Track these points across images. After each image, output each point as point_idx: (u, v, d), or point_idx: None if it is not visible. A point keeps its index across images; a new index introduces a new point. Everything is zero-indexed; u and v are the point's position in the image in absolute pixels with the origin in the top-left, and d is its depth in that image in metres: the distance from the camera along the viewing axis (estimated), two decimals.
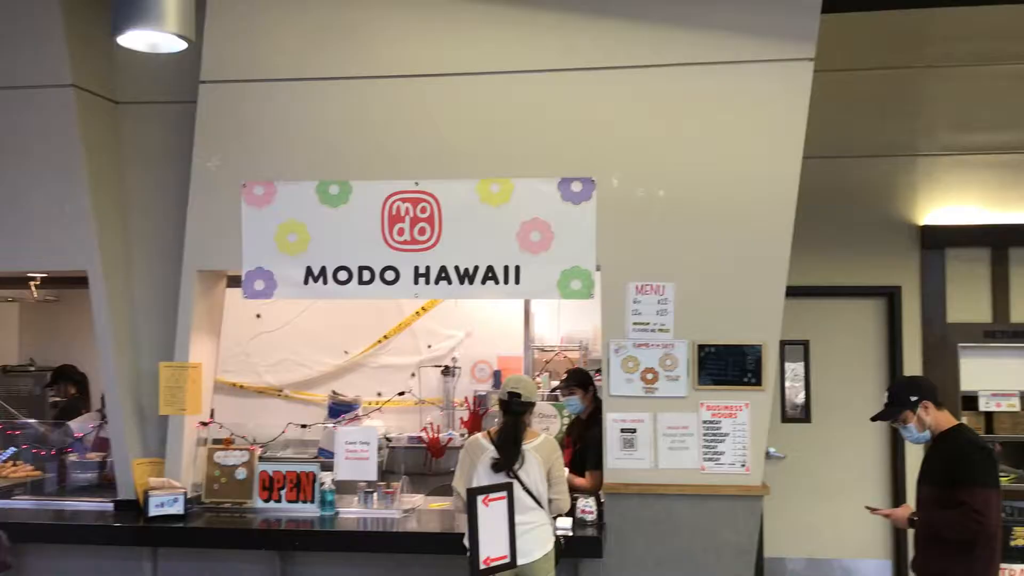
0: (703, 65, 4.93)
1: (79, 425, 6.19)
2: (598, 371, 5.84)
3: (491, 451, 4.36)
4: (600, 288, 4.98)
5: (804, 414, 6.67)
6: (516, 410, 4.42)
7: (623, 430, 4.91)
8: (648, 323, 4.91)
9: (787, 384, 6.68)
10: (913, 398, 4.09)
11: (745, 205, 4.88)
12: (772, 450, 6.19)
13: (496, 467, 4.30)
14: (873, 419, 4.33)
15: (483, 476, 4.30)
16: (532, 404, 4.51)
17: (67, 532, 5.09)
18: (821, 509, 6.61)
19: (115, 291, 5.34)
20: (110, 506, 5.30)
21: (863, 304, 6.69)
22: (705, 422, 4.89)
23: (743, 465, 4.86)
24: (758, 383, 4.87)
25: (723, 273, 4.89)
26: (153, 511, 4.98)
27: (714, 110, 4.94)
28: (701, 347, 4.89)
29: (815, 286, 6.43)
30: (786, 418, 6.67)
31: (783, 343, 6.25)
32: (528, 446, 4.38)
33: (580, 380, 5.54)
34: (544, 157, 5.02)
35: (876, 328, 6.70)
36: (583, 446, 5.31)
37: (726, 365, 4.88)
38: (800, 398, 6.69)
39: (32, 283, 6.97)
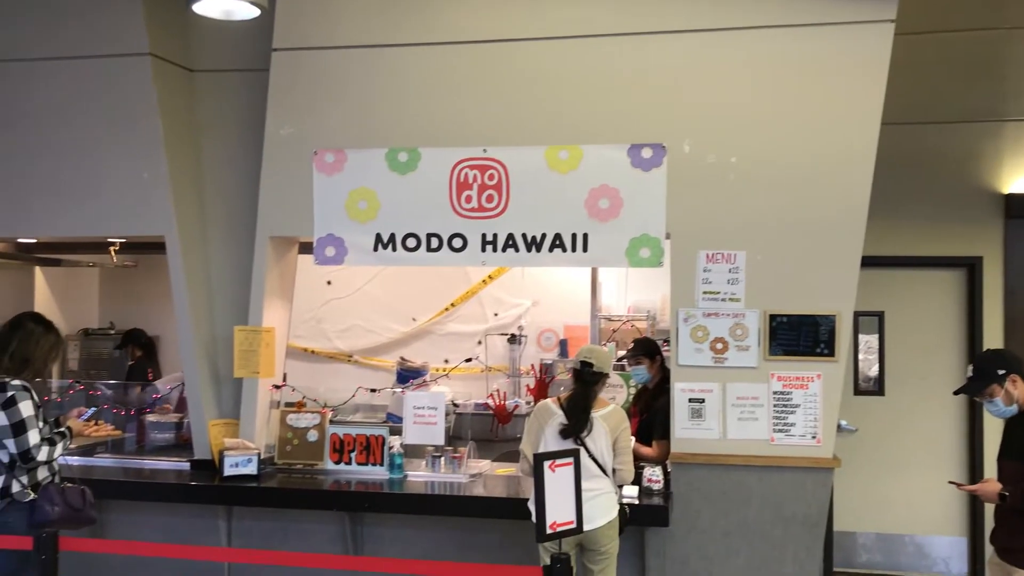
0: (779, 28, 4.80)
1: (163, 384, 6.40)
2: (666, 341, 5.80)
3: (560, 416, 4.37)
4: (670, 256, 4.91)
5: (877, 387, 6.53)
6: (588, 379, 4.42)
7: (691, 400, 4.86)
8: (718, 292, 4.84)
9: (860, 356, 6.54)
10: (1001, 371, 3.98)
11: (820, 172, 4.76)
12: (844, 423, 6.06)
13: (564, 433, 4.32)
14: (957, 392, 4.24)
15: (551, 441, 4.32)
16: (605, 375, 4.50)
17: (146, 489, 5.27)
18: (894, 484, 6.49)
19: (191, 256, 5.47)
20: (186, 465, 5.46)
21: (942, 275, 6.50)
22: (775, 393, 4.81)
23: (814, 437, 4.78)
24: (831, 354, 4.77)
25: (796, 241, 4.79)
26: (228, 471, 5.11)
27: (790, 74, 4.81)
28: (772, 317, 4.81)
29: (892, 256, 6.26)
30: (859, 391, 6.54)
31: (857, 314, 6.11)
32: (596, 414, 4.38)
33: (647, 350, 5.50)
34: (614, 123, 4.96)
35: (955, 300, 6.50)
36: (650, 415, 5.29)
37: (798, 335, 4.79)
38: (874, 371, 6.54)
39: (112, 248, 7.18)
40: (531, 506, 4.34)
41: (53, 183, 5.51)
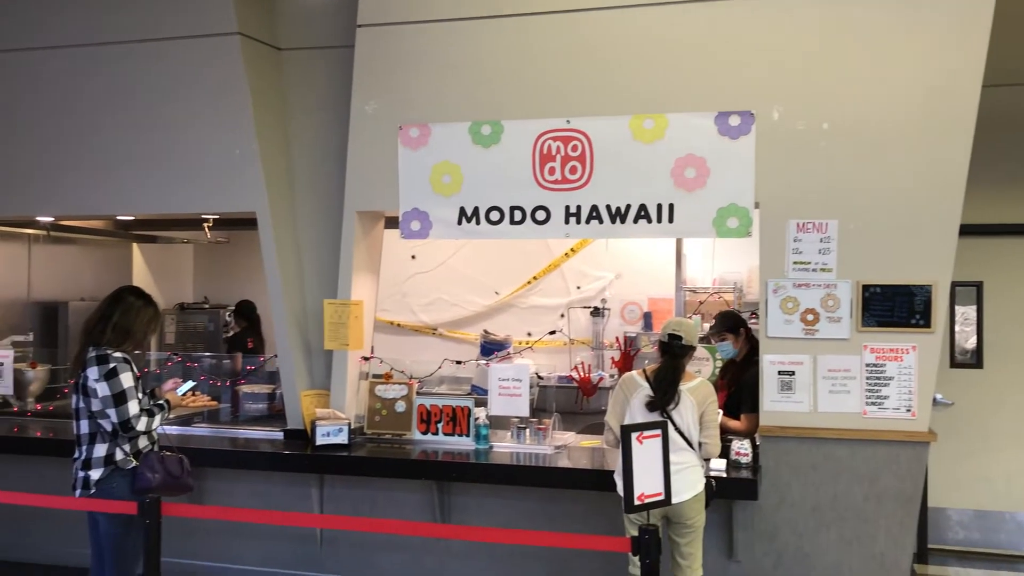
0: None
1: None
2: (753, 313, 5.71)
3: (646, 389, 4.35)
4: (758, 226, 4.82)
5: (975, 360, 6.32)
6: (676, 352, 4.38)
7: (781, 372, 4.78)
8: (809, 262, 4.74)
9: (957, 328, 6.33)
10: None
11: (916, 137, 4.60)
12: (939, 396, 5.89)
13: (651, 406, 4.29)
14: None
15: (637, 413, 4.30)
16: (692, 348, 4.46)
17: (242, 458, 5.42)
18: (992, 459, 6.28)
19: (282, 231, 5.58)
20: (280, 435, 5.61)
21: None
22: (868, 365, 4.70)
23: (908, 410, 4.66)
24: (927, 325, 4.63)
25: (891, 209, 4.65)
26: (320, 440, 5.24)
27: (884, 35, 4.65)
28: (865, 287, 4.68)
29: (992, 224, 6.03)
30: (955, 364, 6.34)
31: (954, 284, 5.91)
32: (683, 387, 4.34)
33: (729, 325, 5.42)
34: (700, 90, 4.87)
35: None
36: (737, 389, 5.22)
37: (892, 306, 4.66)
38: (971, 343, 6.33)
39: (205, 224, 7.38)
40: (617, 478, 4.34)
41: (150, 162, 5.68)
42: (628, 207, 4.98)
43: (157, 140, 5.66)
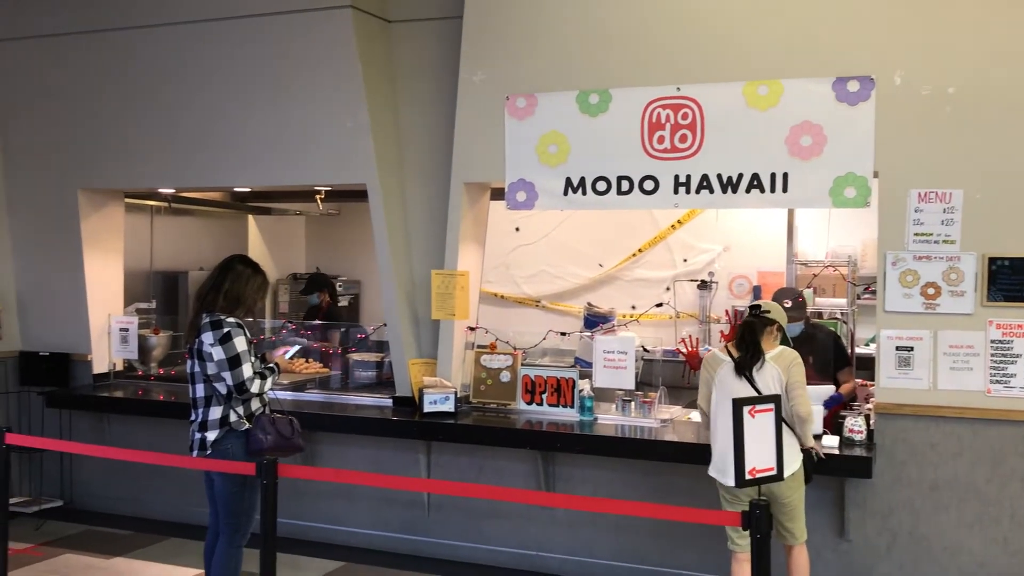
0: None
1: None
2: (868, 287, 5.51)
3: (729, 361, 4.26)
4: (877, 196, 4.65)
5: None
6: (754, 318, 4.30)
7: (899, 348, 4.61)
8: (931, 234, 4.54)
9: None
10: None
11: None
12: None
13: (738, 368, 4.21)
14: None
15: (725, 385, 4.21)
16: (774, 321, 4.33)
17: (353, 423, 5.57)
18: None
19: (391, 203, 5.66)
20: (388, 402, 5.73)
21: None
22: (994, 341, 4.49)
23: None
24: None
25: (1021, 178, 4.40)
26: (428, 408, 5.33)
27: None
28: (992, 260, 4.46)
29: None
30: None
31: None
32: (767, 355, 4.23)
33: (803, 308, 5.30)
34: (817, 55, 4.71)
35: None
36: (814, 357, 5.11)
37: (1022, 280, 4.43)
38: None
39: (318, 196, 7.55)
40: (715, 453, 4.29)
41: (265, 136, 5.83)
42: (740, 176, 4.87)
43: (271, 114, 5.80)
